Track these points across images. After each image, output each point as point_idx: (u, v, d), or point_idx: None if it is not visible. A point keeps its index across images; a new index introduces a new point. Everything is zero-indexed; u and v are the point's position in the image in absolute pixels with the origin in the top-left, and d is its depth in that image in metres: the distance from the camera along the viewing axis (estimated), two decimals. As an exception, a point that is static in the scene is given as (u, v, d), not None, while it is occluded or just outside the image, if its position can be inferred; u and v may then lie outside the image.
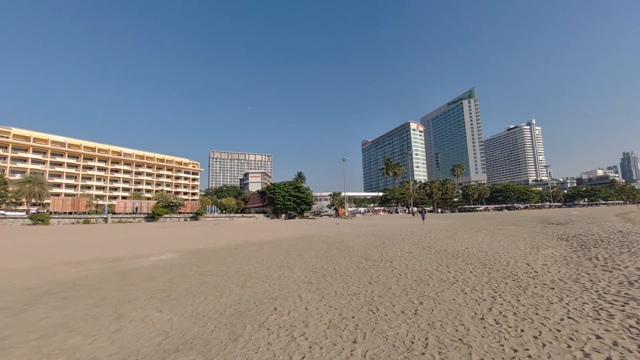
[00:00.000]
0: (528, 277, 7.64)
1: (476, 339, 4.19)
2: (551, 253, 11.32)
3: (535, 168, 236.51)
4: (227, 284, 8.01)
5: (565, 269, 8.56)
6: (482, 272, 8.47)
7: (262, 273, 9.29)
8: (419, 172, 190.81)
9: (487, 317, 4.97)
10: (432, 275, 8.27)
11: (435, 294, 6.41)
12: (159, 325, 5.10)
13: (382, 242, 16.38)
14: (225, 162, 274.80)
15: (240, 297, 6.67)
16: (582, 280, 7.21)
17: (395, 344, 4.15)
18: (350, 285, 7.42)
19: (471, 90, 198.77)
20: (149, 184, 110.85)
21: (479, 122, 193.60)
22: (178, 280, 8.48)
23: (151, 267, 10.73)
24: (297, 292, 6.96)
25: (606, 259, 9.65)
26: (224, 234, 27.08)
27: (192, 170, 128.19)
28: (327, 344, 4.22)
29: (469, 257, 11.00)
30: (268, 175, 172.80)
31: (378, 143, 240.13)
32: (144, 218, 60.05)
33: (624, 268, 8.29)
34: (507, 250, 12.18)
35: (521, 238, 16.54)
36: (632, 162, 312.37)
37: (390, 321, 4.97)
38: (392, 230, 25.86)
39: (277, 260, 11.70)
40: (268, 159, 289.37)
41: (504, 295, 6.19)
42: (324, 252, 13.38)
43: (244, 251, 14.65)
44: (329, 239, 19.71)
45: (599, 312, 5.05)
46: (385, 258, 11.31)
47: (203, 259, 12.53)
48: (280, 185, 75.34)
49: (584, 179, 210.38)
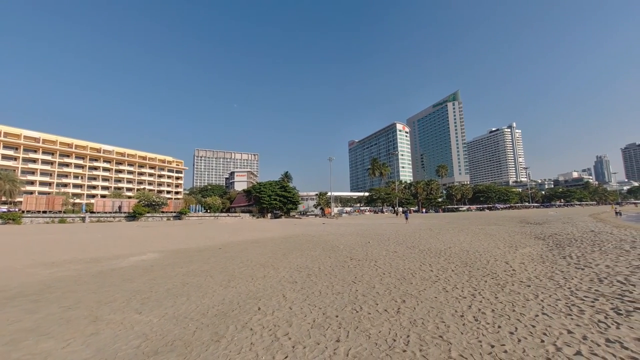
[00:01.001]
0: (506, 275, 7.90)
1: (456, 335, 4.30)
2: (528, 252, 11.74)
3: (515, 170, 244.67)
4: (211, 284, 7.88)
5: (541, 267, 8.90)
6: (463, 270, 8.69)
7: (247, 273, 9.20)
8: (405, 172, 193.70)
9: (467, 314, 5.11)
10: (415, 274, 8.42)
11: (417, 293, 6.53)
12: (138, 327, 4.96)
13: (367, 242, 16.54)
14: (211, 161, 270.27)
15: (224, 298, 6.58)
16: (557, 277, 7.52)
17: (377, 342, 4.19)
18: (335, 285, 7.45)
19: (455, 93, 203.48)
20: (130, 182, 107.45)
21: (463, 124, 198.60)
22: (159, 281, 8.27)
23: (131, 268, 10.42)
24: (282, 292, 6.93)
25: (579, 258, 10.11)
26: (208, 233, 26.63)
27: (176, 168, 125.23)
28: (311, 343, 4.22)
29: (451, 256, 11.26)
30: (254, 175, 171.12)
31: (365, 143, 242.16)
32: (125, 217, 58.28)
33: (594, 266, 8.71)
34: (488, 249, 12.55)
35: (501, 237, 17.08)
36: (605, 165, 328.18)
37: (373, 319, 5.03)
38: (377, 229, 26.15)
39: (262, 260, 11.61)
40: (254, 158, 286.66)
41: (483, 293, 6.37)
42: (310, 252, 13.38)
43: (228, 251, 14.45)
44: (314, 238, 19.72)
45: (570, 308, 5.28)
46: (370, 257, 11.42)
47: (186, 259, 12.27)
48: (266, 184, 74.79)
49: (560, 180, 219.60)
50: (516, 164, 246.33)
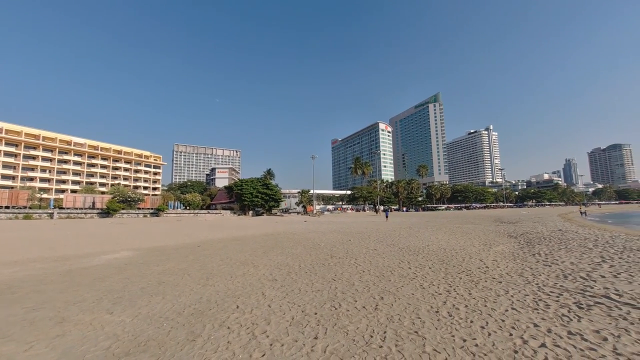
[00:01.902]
0: (480, 272, 8.21)
1: (430, 330, 4.42)
2: (501, 250, 12.26)
3: (491, 171, 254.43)
4: (188, 282, 7.69)
5: (512, 264, 9.31)
6: (440, 267, 8.95)
7: (226, 271, 9.05)
8: (387, 171, 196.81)
9: (442, 310, 5.26)
10: (394, 271, 8.59)
11: (395, 289, 6.66)
12: (108, 328, 4.76)
13: (349, 240, 16.69)
14: (191, 157, 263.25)
15: (201, 296, 6.44)
16: (526, 274, 7.90)
17: (355, 338, 4.24)
18: (315, 282, 7.47)
19: (436, 94, 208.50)
20: (104, 177, 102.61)
21: (443, 126, 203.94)
22: (133, 280, 7.98)
23: (103, 267, 9.99)
24: (261, 290, 6.87)
25: (547, 255, 10.67)
26: (187, 230, 25.96)
27: (154, 163, 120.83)
28: (289, 341, 4.21)
29: (429, 254, 11.57)
30: (236, 171, 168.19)
31: (348, 142, 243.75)
32: (97, 214, 55.72)
33: (560, 263, 9.22)
34: (464, 247, 12.98)
35: (476, 236, 17.73)
36: (573, 168, 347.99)
37: (352, 316, 5.08)
38: (358, 228, 26.43)
39: (242, 257, 11.45)
40: (236, 155, 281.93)
41: (458, 289, 6.59)
42: (291, 250, 13.34)
43: (207, 248, 14.16)
44: (296, 236, 19.68)
45: (537, 302, 5.57)
46: (350, 255, 11.53)
47: (163, 257, 11.91)
48: (248, 181, 73.75)
49: (532, 182, 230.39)
50: (492, 165, 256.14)
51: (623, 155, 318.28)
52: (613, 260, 9.34)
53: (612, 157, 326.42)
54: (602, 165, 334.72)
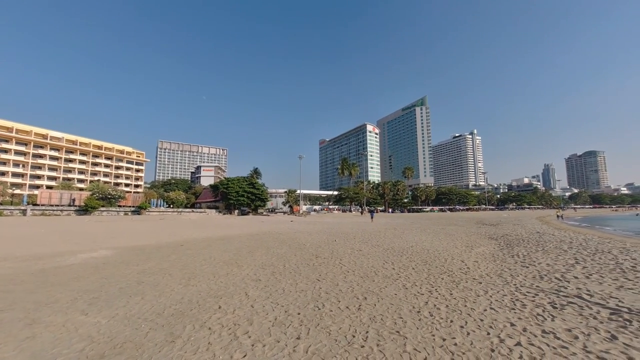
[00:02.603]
0: (461, 273, 8.39)
1: (412, 330, 4.49)
2: (482, 251, 12.59)
3: (474, 174, 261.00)
4: (169, 282, 7.51)
5: (492, 265, 9.58)
6: (423, 268, 9.10)
7: (209, 271, 8.89)
8: (373, 172, 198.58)
9: (423, 310, 5.35)
10: (378, 272, 8.66)
11: (379, 290, 6.72)
12: (82, 329, 4.58)
13: (334, 240, 16.74)
14: (175, 154, 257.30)
15: (183, 296, 6.30)
16: (505, 275, 8.14)
17: (337, 338, 4.25)
18: (299, 283, 7.45)
19: (423, 98, 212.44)
20: (83, 173, 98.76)
21: (429, 129, 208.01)
22: (111, 280, 7.72)
23: (79, 266, 9.62)
24: (244, 290, 6.79)
25: (525, 256, 11.04)
26: (170, 229, 25.36)
27: (137, 160, 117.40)
28: (271, 341, 4.18)
29: (413, 254, 11.74)
30: (222, 170, 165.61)
31: (335, 142, 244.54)
32: (75, 211, 53.61)
33: (537, 264, 9.56)
34: (446, 249, 13.26)
35: (459, 237, 18.14)
36: (551, 173, 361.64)
37: (335, 317, 5.09)
38: (344, 228, 26.55)
39: (225, 257, 11.28)
40: (222, 153, 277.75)
41: (439, 289, 6.72)
42: (276, 250, 13.25)
43: (190, 248, 13.87)
44: (281, 236, 19.57)
45: (514, 302, 5.74)
46: (335, 255, 11.56)
47: (143, 256, 11.58)
48: (234, 180, 72.82)
49: (513, 185, 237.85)
50: (475, 168, 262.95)
51: (597, 162, 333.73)
52: (586, 262, 9.77)
53: (587, 163, 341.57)
54: (578, 170, 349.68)
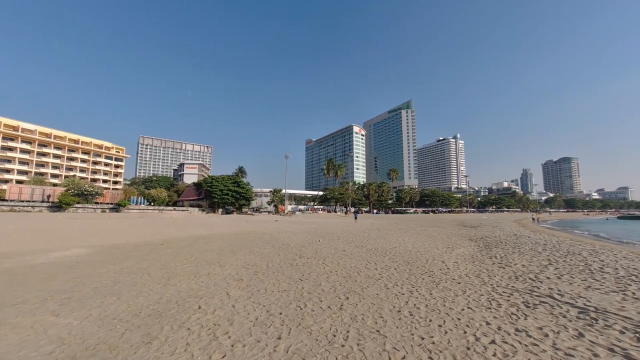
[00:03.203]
0: (441, 273, 8.59)
1: (392, 329, 4.55)
2: (462, 252, 12.93)
3: (457, 177, 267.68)
4: (147, 282, 7.30)
5: (471, 265, 9.86)
6: (405, 269, 9.25)
7: (190, 270, 8.71)
8: (359, 173, 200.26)
9: (404, 310, 5.44)
10: (361, 272, 8.74)
11: (361, 290, 6.78)
12: (52, 331, 4.38)
13: (318, 240, 16.76)
14: (158, 150, 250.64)
15: (161, 296, 6.14)
16: (482, 275, 8.39)
17: (318, 338, 4.26)
18: (282, 282, 7.41)
19: (409, 101, 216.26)
20: (57, 168, 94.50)
21: (414, 132, 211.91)
22: (85, 280, 7.43)
23: (51, 265, 9.20)
24: (226, 290, 6.69)
25: (502, 258, 11.42)
26: (150, 228, 24.67)
27: (116, 155, 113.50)
28: (251, 341, 4.14)
29: (396, 255, 11.92)
30: (206, 168, 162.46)
31: (322, 143, 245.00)
32: (48, 208, 51.26)
33: (513, 265, 9.91)
34: (428, 250, 13.53)
35: (440, 239, 18.56)
36: (529, 177, 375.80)
37: (316, 316, 5.10)
38: (329, 228, 26.64)
39: (207, 256, 11.09)
40: (207, 150, 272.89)
41: (420, 289, 6.85)
42: (259, 249, 13.13)
43: (171, 247, 13.54)
44: (265, 235, 19.42)
45: (491, 302, 5.93)
46: (319, 255, 11.58)
47: (121, 255, 11.21)
48: (219, 178, 71.66)
49: (493, 189, 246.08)
50: (458, 171, 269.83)
51: (572, 168, 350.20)
52: (558, 263, 10.21)
53: (562, 169, 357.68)
54: (554, 176, 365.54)
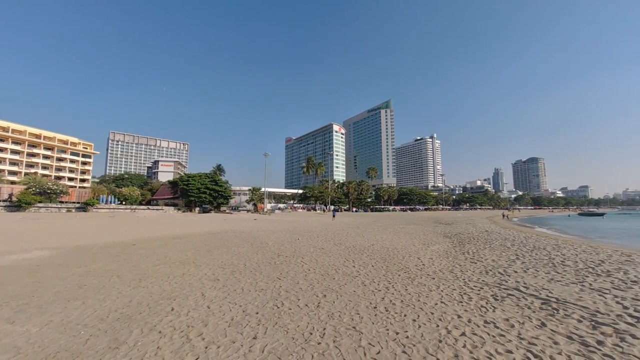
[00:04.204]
0: (417, 269, 8.82)
1: (367, 325, 4.61)
2: (437, 248, 13.35)
3: (434, 175, 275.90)
4: (116, 284, 6.96)
5: (445, 261, 10.20)
6: (382, 265, 9.42)
7: (163, 271, 8.41)
8: (338, 172, 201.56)
9: (380, 306, 5.53)
10: (339, 269, 8.80)
11: (338, 287, 6.83)
12: (7, 339, 4.07)
13: (297, 239, 16.72)
14: (130, 147, 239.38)
15: (131, 299, 5.88)
16: (455, 270, 8.70)
17: (294, 336, 4.24)
18: (259, 281, 7.32)
19: (388, 101, 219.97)
20: (16, 165, 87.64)
21: (393, 131, 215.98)
22: (47, 284, 6.97)
23: (7, 269, 8.55)
24: (201, 291, 6.51)
25: (474, 253, 11.90)
26: (121, 228, 23.58)
27: (83, 152, 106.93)
28: (226, 342, 4.06)
29: (373, 252, 12.11)
30: (182, 165, 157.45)
31: (302, 141, 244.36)
32: (5, 207, 47.68)
33: (484, 260, 10.36)
34: (405, 246, 13.86)
35: (417, 236, 19.07)
36: (500, 176, 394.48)
37: (293, 315, 5.08)
38: (308, 227, 26.64)
39: (182, 256, 10.75)
40: (183, 148, 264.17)
41: (396, 285, 7.00)
42: (237, 248, 12.90)
43: (144, 247, 13.00)
44: (243, 234, 19.11)
45: (462, 296, 6.16)
46: (297, 254, 11.54)
47: (87, 257, 10.62)
48: (195, 176, 69.55)
49: (467, 187, 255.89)
50: (434, 170, 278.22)
51: (539, 167, 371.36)
52: (524, 258, 10.79)
53: (530, 169, 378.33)
54: (523, 175, 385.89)
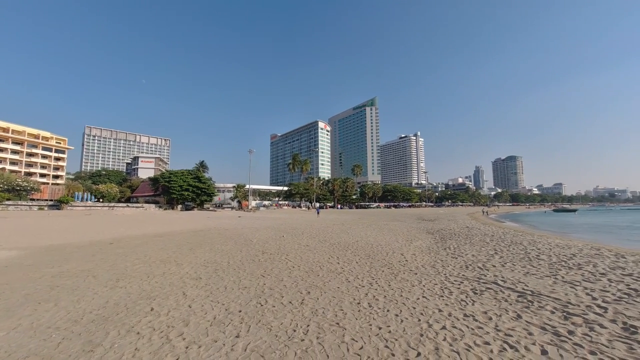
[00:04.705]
0: (400, 265, 8.96)
1: (351, 321, 4.64)
2: (420, 244, 13.61)
3: (417, 173, 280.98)
4: (92, 285, 6.70)
5: (427, 257, 10.41)
6: (366, 262, 9.51)
7: (142, 270, 8.16)
8: (324, 169, 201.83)
9: (363, 302, 5.58)
10: (323, 266, 8.82)
11: (322, 284, 6.84)
12: (-30, 345, 3.84)
13: (282, 236, 16.63)
14: (107, 142, 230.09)
15: (108, 300, 5.67)
16: (437, 266, 8.90)
17: (278, 334, 4.21)
18: (243, 279, 7.23)
19: (373, 99, 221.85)
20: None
21: (378, 129, 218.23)
22: (15, 286, 6.61)
23: (-26, 269, 8.07)
24: (182, 290, 6.37)
25: (455, 249, 12.21)
26: (98, 226, 22.73)
27: (56, 147, 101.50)
28: (207, 342, 3.98)
29: (358, 249, 12.21)
30: (164, 162, 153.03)
31: (287, 138, 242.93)
32: (-27, 205, 45.05)
33: (464, 255, 10.65)
34: (389, 243, 14.05)
35: (401, 232, 19.38)
36: (480, 174, 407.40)
37: (277, 312, 5.04)
38: (293, 224, 26.56)
39: (163, 255, 10.47)
40: (165, 144, 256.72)
41: (379, 281, 7.08)
42: (220, 246, 12.70)
43: (122, 246, 12.58)
44: (227, 232, 18.84)
45: (443, 290, 6.31)
46: (282, 251, 11.49)
47: (61, 257, 10.17)
48: (178, 173, 67.86)
49: (449, 184, 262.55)
50: (418, 167, 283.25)
51: (517, 165, 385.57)
52: (502, 253, 11.17)
53: (509, 167, 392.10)
54: (502, 172, 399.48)
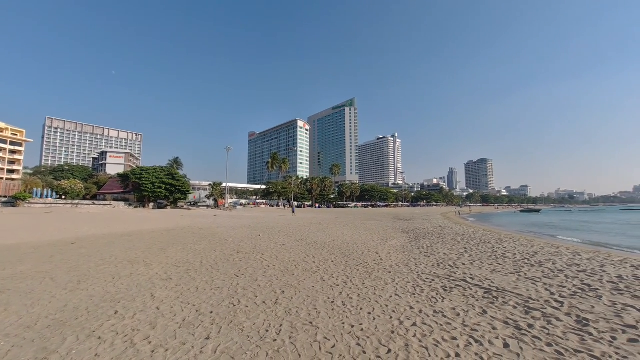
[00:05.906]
0: (374, 264, 9.11)
1: (324, 320, 4.65)
2: (395, 243, 13.91)
3: (394, 173, 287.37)
4: (49, 288, 6.26)
5: (401, 255, 10.65)
6: (341, 261, 9.57)
7: (108, 272, 7.73)
8: (302, 168, 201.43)
9: (337, 300, 5.61)
10: (299, 265, 8.79)
11: (297, 283, 6.81)
12: None
13: (258, 235, 16.41)
14: (72, 135, 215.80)
15: (66, 304, 5.32)
16: (410, 264, 9.13)
17: (250, 334, 4.13)
18: (216, 280, 7.04)
19: (352, 99, 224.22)
20: None
21: (357, 129, 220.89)
22: (-39, 288, 6.04)
23: None
24: (150, 291, 6.09)
25: (428, 247, 12.59)
26: (60, 224, 21.32)
27: (12, 139, 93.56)
28: (175, 345, 3.83)
29: (334, 248, 12.28)
30: (135, 157, 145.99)
31: (265, 136, 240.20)
32: None
33: (437, 254, 11.00)
34: (365, 242, 14.25)
35: (377, 231, 19.72)
36: (454, 175, 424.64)
37: (250, 312, 4.95)
38: (270, 223, 26.29)
39: (131, 255, 9.99)
40: (136, 138, 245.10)
41: (354, 280, 7.15)
42: (193, 245, 12.31)
43: (86, 246, 11.87)
44: (202, 231, 18.31)
45: (415, 288, 6.48)
46: (257, 250, 11.33)
47: (13, 258, 9.42)
48: (150, 169, 64.95)
49: (425, 185, 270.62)
50: (395, 168, 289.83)
51: (487, 168, 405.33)
52: (472, 251, 11.66)
53: (480, 169, 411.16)
54: (474, 174, 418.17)
